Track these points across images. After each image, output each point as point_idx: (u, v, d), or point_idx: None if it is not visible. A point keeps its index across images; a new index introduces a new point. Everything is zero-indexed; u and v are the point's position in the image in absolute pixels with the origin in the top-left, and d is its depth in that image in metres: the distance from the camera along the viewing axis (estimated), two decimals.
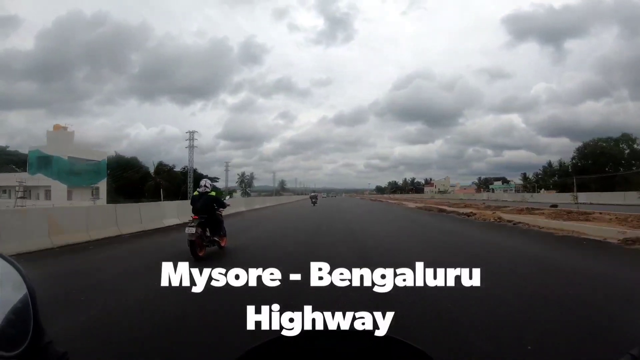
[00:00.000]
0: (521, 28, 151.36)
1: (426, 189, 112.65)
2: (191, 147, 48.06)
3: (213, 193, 6.95)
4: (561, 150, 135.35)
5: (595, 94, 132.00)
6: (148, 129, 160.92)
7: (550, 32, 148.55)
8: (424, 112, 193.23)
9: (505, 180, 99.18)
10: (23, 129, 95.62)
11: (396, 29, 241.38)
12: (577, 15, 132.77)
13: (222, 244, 7.00)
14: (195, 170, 50.73)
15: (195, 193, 6.90)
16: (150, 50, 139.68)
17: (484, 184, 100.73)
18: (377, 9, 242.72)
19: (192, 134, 48.33)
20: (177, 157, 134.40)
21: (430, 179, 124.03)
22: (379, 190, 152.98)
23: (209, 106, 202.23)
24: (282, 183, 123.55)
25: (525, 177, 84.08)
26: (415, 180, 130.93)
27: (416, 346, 0.63)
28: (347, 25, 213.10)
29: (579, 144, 60.12)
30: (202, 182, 7.02)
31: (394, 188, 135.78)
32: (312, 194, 39.62)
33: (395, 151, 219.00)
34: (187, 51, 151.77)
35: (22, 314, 0.63)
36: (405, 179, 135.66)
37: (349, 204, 38.12)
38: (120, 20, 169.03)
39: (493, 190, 70.01)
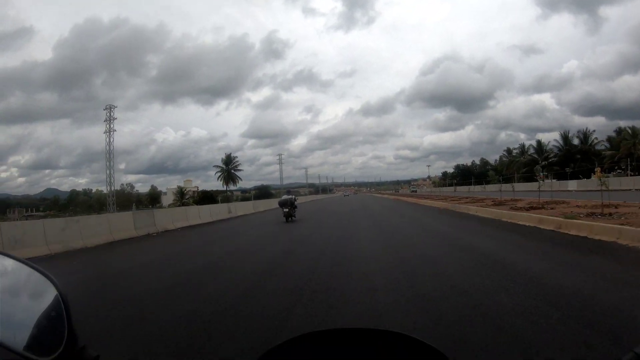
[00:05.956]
0: None
1: None
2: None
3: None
4: (596, 130, 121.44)
5: (632, 66, 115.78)
6: (176, 132, 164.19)
7: None
8: (453, 97, 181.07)
9: None
10: (52, 141, 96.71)
11: (421, 11, 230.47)
12: None
13: None
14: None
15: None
16: (170, 52, 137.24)
17: None
18: None
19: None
20: (205, 159, 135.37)
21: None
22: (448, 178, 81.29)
23: (234, 105, 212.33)
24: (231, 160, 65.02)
25: None
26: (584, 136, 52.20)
27: (431, 344, 0.64)
28: (368, 6, 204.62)
29: (615, 122, 38.51)
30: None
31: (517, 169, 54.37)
32: (285, 196, 17.62)
33: (425, 140, 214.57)
34: (207, 51, 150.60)
35: (56, 320, 0.64)
36: (567, 132, 56.15)
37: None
38: (139, 24, 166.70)
39: None
